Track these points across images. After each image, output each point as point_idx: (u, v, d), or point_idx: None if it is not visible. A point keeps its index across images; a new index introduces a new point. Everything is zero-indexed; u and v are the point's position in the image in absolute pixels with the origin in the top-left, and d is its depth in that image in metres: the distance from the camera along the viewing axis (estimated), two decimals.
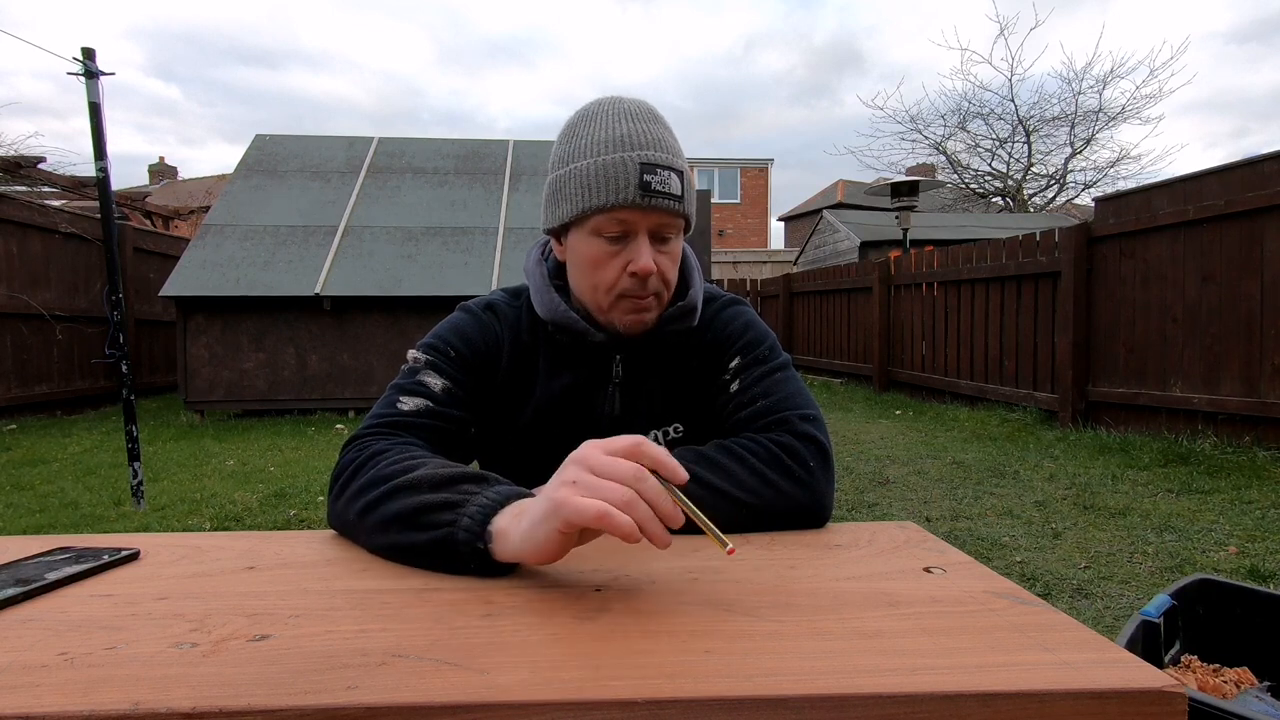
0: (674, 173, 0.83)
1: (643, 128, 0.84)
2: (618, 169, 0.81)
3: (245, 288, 5.97)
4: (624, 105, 0.87)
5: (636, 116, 0.85)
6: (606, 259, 0.85)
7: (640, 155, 0.82)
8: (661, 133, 0.85)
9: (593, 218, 0.84)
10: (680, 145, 0.88)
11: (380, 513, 0.66)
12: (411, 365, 0.88)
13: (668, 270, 0.87)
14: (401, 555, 0.65)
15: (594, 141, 0.84)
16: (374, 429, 0.81)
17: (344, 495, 0.73)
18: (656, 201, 0.82)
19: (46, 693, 0.40)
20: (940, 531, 2.80)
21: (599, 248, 0.85)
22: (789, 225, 25.61)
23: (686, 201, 0.85)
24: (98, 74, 3.06)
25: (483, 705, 0.39)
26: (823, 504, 0.79)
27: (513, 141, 8.04)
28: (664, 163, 0.82)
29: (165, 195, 15.13)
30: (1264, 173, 4.34)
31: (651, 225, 0.84)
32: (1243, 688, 1.10)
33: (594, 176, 0.82)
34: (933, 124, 21.51)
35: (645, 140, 0.83)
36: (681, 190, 0.84)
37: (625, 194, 0.81)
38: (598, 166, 0.82)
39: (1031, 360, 5.17)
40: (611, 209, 0.82)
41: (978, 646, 0.46)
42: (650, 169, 0.81)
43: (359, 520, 0.69)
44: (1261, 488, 3.12)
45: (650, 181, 0.81)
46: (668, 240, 0.86)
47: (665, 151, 0.84)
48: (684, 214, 0.86)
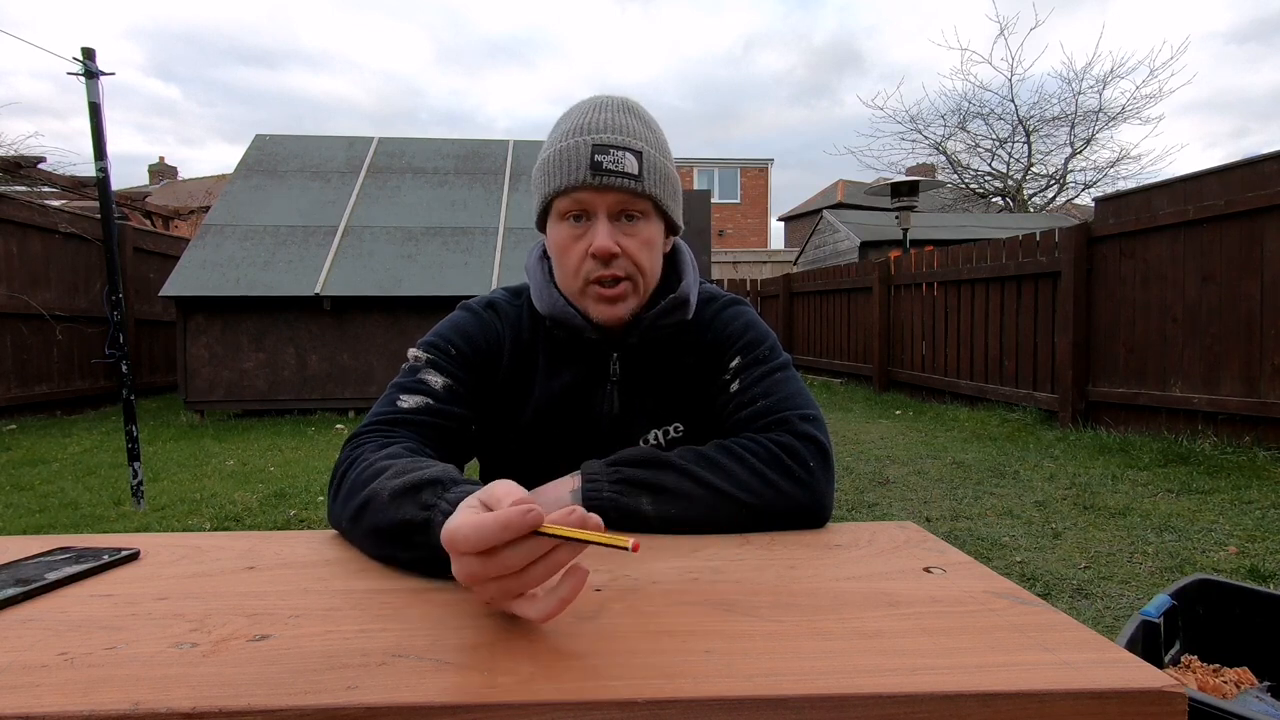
0: (629, 153, 0.83)
1: (607, 116, 0.85)
2: (571, 152, 0.83)
3: (245, 288, 5.97)
4: (600, 99, 0.88)
5: (605, 107, 0.86)
6: (570, 242, 0.86)
7: (593, 138, 0.83)
8: (625, 119, 0.86)
9: (554, 202, 0.86)
10: (655, 134, 0.88)
11: (363, 525, 0.67)
12: (412, 364, 0.88)
13: (636, 253, 0.85)
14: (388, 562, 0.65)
15: (559, 133, 0.86)
16: (373, 427, 0.81)
17: (336, 499, 0.74)
18: (608, 180, 0.82)
19: (46, 693, 0.40)
20: (940, 531, 2.80)
21: (565, 232, 0.86)
22: (789, 225, 25.61)
23: (647, 180, 0.84)
24: (98, 74, 3.06)
25: (483, 705, 0.39)
26: (823, 504, 0.79)
27: (513, 141, 8.04)
28: (617, 143, 0.83)
29: (165, 195, 15.13)
30: (1264, 173, 4.33)
31: (609, 205, 0.84)
32: (1243, 688, 1.10)
33: (552, 162, 0.84)
34: (933, 124, 21.51)
35: (602, 125, 0.84)
36: (639, 170, 0.83)
37: (576, 174, 0.82)
38: (555, 152, 0.84)
39: (1031, 360, 5.17)
40: (566, 190, 0.83)
41: (978, 646, 0.46)
42: (602, 149, 0.82)
43: (351, 527, 0.69)
44: (1261, 488, 3.12)
45: (601, 161, 0.82)
46: (634, 220, 0.86)
47: (621, 134, 0.84)
48: (645, 193, 0.84)
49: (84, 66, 3.04)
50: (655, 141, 0.87)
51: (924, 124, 17.10)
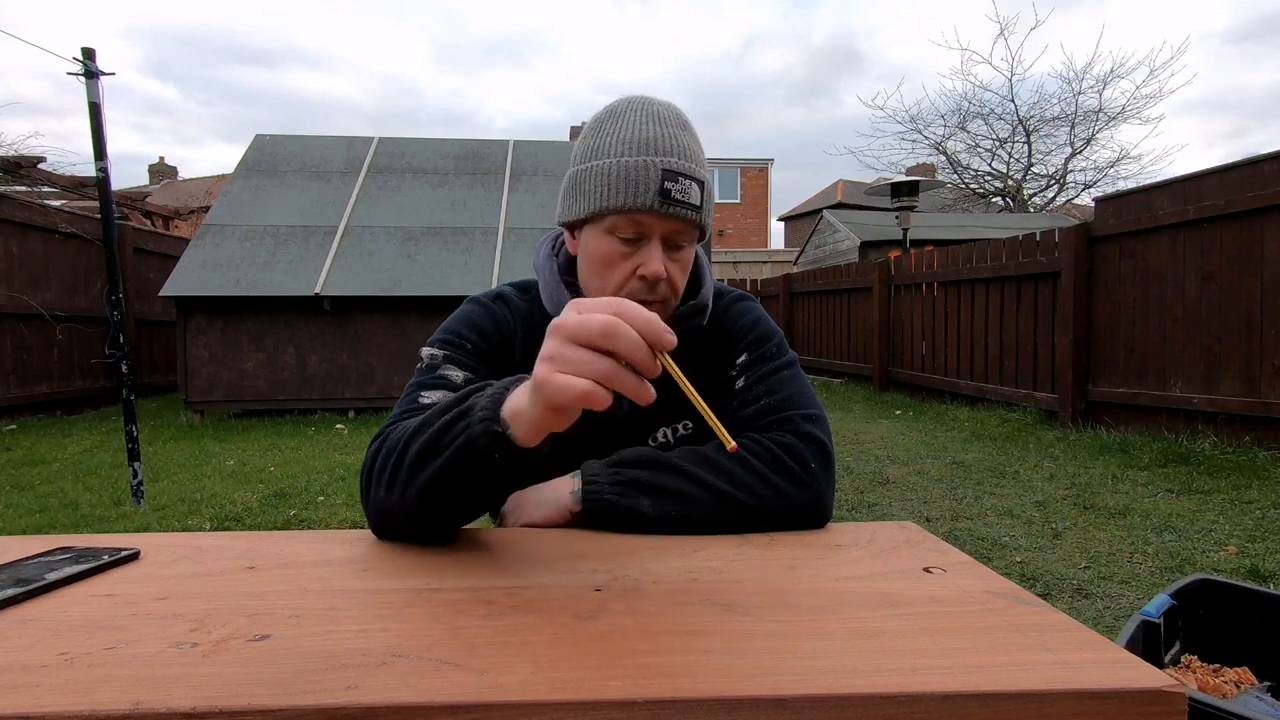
0: (695, 182, 0.83)
1: (670, 133, 0.83)
2: (639, 172, 0.81)
3: (245, 288, 5.97)
4: (653, 107, 0.86)
5: (664, 120, 0.84)
6: (618, 259, 0.84)
7: (664, 161, 0.81)
8: (688, 141, 0.85)
9: (609, 217, 0.83)
10: (704, 154, 0.88)
11: (405, 464, 0.67)
12: (429, 362, 0.87)
13: (677, 278, 0.86)
14: (437, 493, 0.64)
15: (619, 140, 0.83)
16: (396, 425, 0.79)
17: (372, 481, 0.72)
18: (675, 210, 0.81)
19: (46, 693, 0.40)
20: (940, 531, 2.80)
21: (612, 247, 0.84)
22: (789, 225, 25.60)
23: (704, 212, 0.85)
24: (98, 74, 3.06)
25: (483, 705, 0.39)
26: (823, 505, 0.79)
27: (513, 142, 8.04)
28: (687, 171, 0.82)
29: (165, 195, 15.12)
30: (1264, 173, 4.34)
31: (666, 231, 0.83)
32: (1243, 688, 1.10)
33: (615, 176, 0.82)
34: (933, 124, 21.52)
35: (670, 146, 0.82)
36: (700, 200, 0.83)
37: (644, 198, 0.80)
38: (620, 167, 0.82)
39: (1031, 360, 5.17)
40: (629, 211, 0.81)
41: (978, 646, 0.46)
42: (672, 176, 0.81)
43: (389, 489, 0.68)
44: (1261, 488, 3.12)
45: (671, 189, 0.81)
46: (681, 248, 0.85)
47: (689, 160, 0.83)
48: (700, 224, 0.85)
49: (84, 67, 3.03)
50: (706, 165, 0.88)
51: (924, 124, 17.11)
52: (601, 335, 0.52)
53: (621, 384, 0.52)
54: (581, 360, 0.52)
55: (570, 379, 0.52)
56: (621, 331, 0.52)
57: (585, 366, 0.52)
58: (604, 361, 0.52)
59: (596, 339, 0.52)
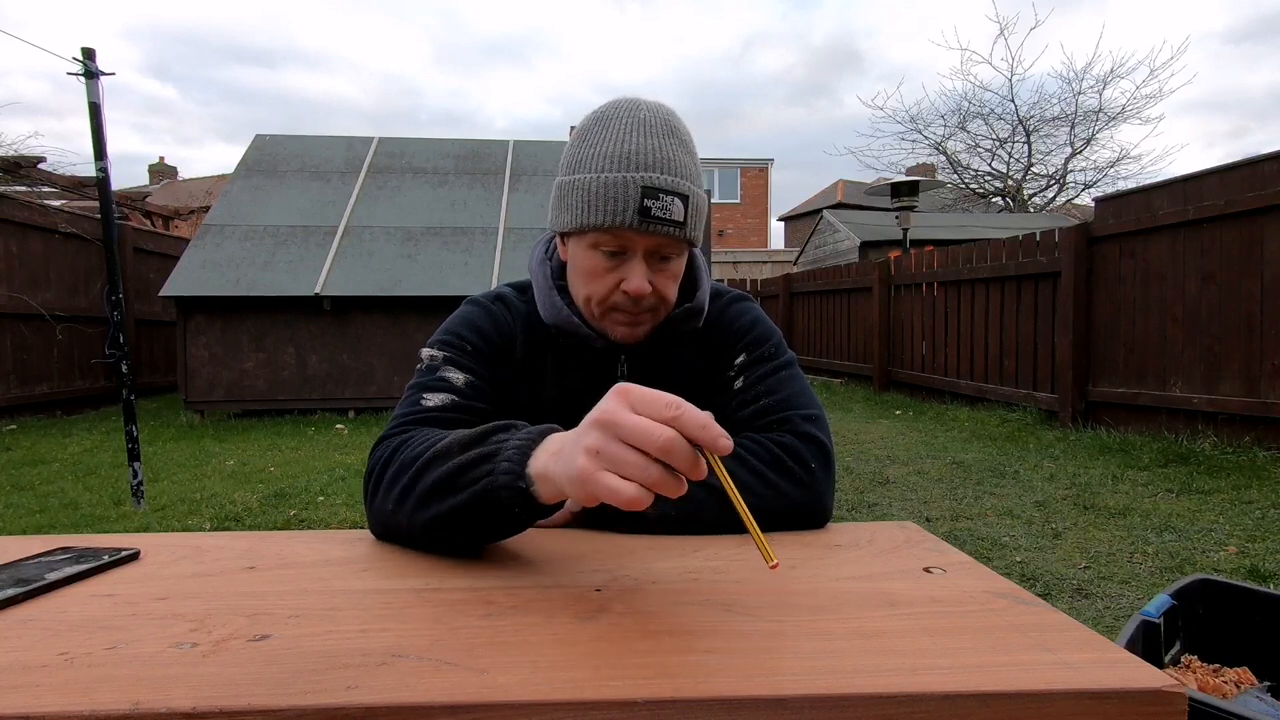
0: (677, 197, 0.81)
1: (653, 144, 0.82)
2: (618, 189, 0.80)
3: (245, 288, 5.97)
4: (639, 115, 0.84)
5: (649, 129, 0.83)
6: (602, 273, 0.84)
7: (644, 178, 0.80)
8: (673, 150, 0.83)
9: (590, 233, 0.83)
10: (693, 159, 0.86)
11: (418, 490, 0.65)
12: (429, 363, 0.87)
13: (665, 288, 0.86)
14: (447, 527, 0.64)
15: (601, 154, 0.82)
16: (401, 427, 0.79)
17: (379, 490, 0.72)
18: (655, 228, 0.80)
19: (46, 693, 0.40)
20: (940, 531, 2.80)
21: (596, 260, 0.84)
22: (789, 225, 25.61)
23: (689, 226, 0.83)
24: (98, 74, 3.06)
25: (483, 705, 0.39)
26: (823, 505, 0.79)
27: (513, 142, 8.04)
28: (668, 186, 0.80)
29: (165, 195, 15.12)
30: (1264, 173, 4.34)
31: (650, 246, 0.83)
32: (1243, 688, 1.10)
33: (595, 194, 0.81)
34: (933, 124, 21.52)
35: (653, 160, 0.81)
36: (684, 215, 0.82)
37: (623, 216, 0.80)
38: (600, 184, 0.81)
39: (1031, 360, 5.17)
40: (608, 229, 0.81)
41: (978, 646, 0.46)
42: (652, 193, 0.80)
43: (398, 506, 0.68)
44: (1261, 488, 3.12)
45: (650, 206, 0.80)
46: (668, 259, 0.85)
47: (672, 174, 0.81)
48: (685, 238, 0.84)
49: (84, 67, 3.03)
50: (695, 171, 0.85)
51: (924, 124, 17.11)
52: (662, 450, 0.49)
53: (666, 488, 0.50)
54: (631, 465, 0.49)
55: (619, 484, 0.49)
56: (679, 448, 0.49)
57: (636, 471, 0.49)
58: (655, 469, 0.49)
59: (655, 451, 0.49)
